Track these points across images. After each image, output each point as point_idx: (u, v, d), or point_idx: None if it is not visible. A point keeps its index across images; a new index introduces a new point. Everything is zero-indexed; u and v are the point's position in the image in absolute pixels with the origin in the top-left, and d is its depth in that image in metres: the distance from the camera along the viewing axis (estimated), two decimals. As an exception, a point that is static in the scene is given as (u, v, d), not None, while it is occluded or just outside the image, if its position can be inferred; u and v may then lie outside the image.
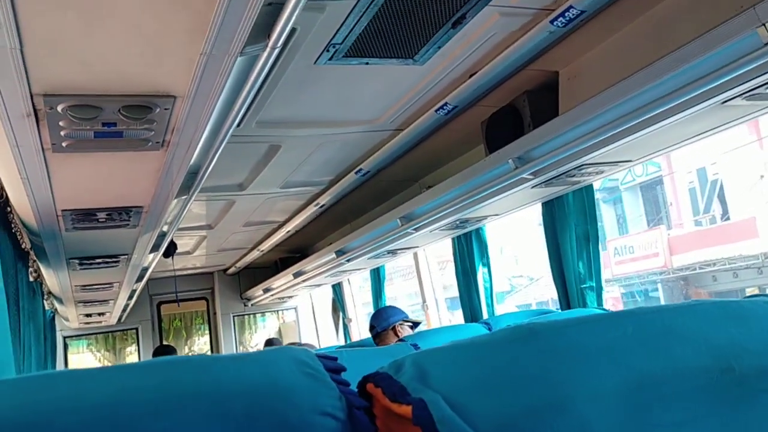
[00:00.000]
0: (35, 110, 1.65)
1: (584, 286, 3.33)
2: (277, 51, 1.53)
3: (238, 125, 2.99)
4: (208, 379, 0.71)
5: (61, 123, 1.73)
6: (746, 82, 2.02)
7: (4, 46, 1.33)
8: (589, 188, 3.35)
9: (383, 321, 3.87)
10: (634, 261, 15.63)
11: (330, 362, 0.79)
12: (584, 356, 0.72)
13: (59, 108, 1.65)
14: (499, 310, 4.41)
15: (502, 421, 0.65)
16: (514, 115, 3.00)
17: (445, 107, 3.06)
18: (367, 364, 0.86)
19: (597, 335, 0.74)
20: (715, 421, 0.72)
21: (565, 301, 3.50)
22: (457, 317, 4.84)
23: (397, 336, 3.76)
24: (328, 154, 3.70)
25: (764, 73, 1.98)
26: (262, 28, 1.46)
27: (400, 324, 3.85)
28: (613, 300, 15.44)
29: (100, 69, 1.49)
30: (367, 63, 2.63)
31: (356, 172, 3.96)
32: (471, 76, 2.82)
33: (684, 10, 2.26)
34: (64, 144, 1.88)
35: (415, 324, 3.92)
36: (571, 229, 3.40)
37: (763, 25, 1.86)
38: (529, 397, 0.67)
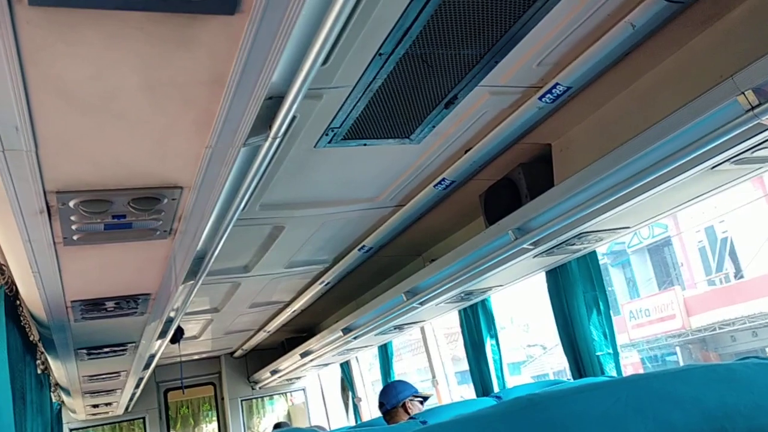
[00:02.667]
0: (48, 206, 1.71)
1: (600, 353, 3.31)
2: (278, 141, 1.60)
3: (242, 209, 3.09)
4: None
5: (72, 218, 1.79)
6: (732, 147, 2.10)
7: (20, 149, 1.41)
8: (593, 254, 3.38)
9: (392, 398, 3.80)
10: (651, 324, 15.43)
11: None
12: (580, 425, 0.74)
13: (71, 204, 1.71)
14: (515, 381, 4.36)
15: None
16: (511, 187, 3.07)
17: (442, 182, 3.14)
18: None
19: (593, 404, 0.76)
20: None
21: (577, 370, 3.46)
22: (470, 392, 4.77)
23: (408, 413, 3.69)
24: (331, 232, 3.77)
25: (748, 139, 2.06)
26: (264, 120, 1.55)
27: (410, 400, 3.77)
28: (632, 365, 15.16)
29: (110, 166, 1.57)
30: (365, 144, 2.72)
31: (359, 249, 4.01)
32: (466, 152, 2.91)
33: (666, 82, 2.37)
34: (75, 237, 1.94)
35: (425, 398, 3.86)
36: (578, 297, 3.41)
37: (743, 93, 1.94)
38: None
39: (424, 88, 2.37)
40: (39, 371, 3.97)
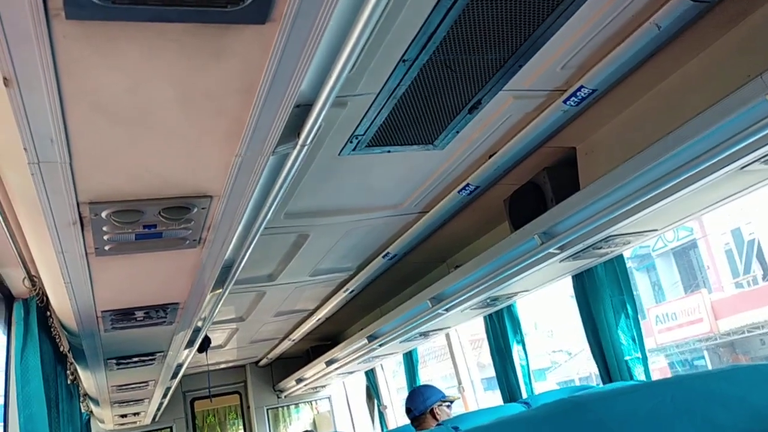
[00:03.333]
0: (81, 218, 1.74)
1: (629, 357, 3.27)
2: (306, 148, 1.62)
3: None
4: None
5: (104, 228, 1.82)
6: (761, 147, 2.07)
7: (55, 161, 1.43)
8: (620, 258, 3.35)
9: (420, 404, 3.74)
10: (678, 328, 15.20)
11: None
12: (627, 426, 0.73)
13: (103, 214, 1.74)
14: (541, 387, 4.32)
15: None
16: (536, 192, 3.06)
17: (467, 188, 3.13)
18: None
19: (638, 404, 0.76)
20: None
21: (606, 375, 3.43)
22: (496, 398, 4.73)
23: (436, 419, 3.65)
24: (355, 240, 3.77)
25: (779, 137, 2.03)
26: (292, 129, 1.56)
27: (439, 405, 3.72)
28: (659, 370, 14.93)
29: (143, 176, 1.59)
30: (389, 151, 2.73)
31: (383, 256, 4.01)
32: (490, 156, 2.91)
33: (692, 82, 2.35)
34: (106, 248, 1.97)
35: (452, 402, 3.81)
36: (605, 301, 3.38)
37: (771, 92, 1.92)
38: None
39: (448, 93, 2.37)
40: (69, 381, 4.02)
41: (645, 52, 2.21)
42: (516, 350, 4.23)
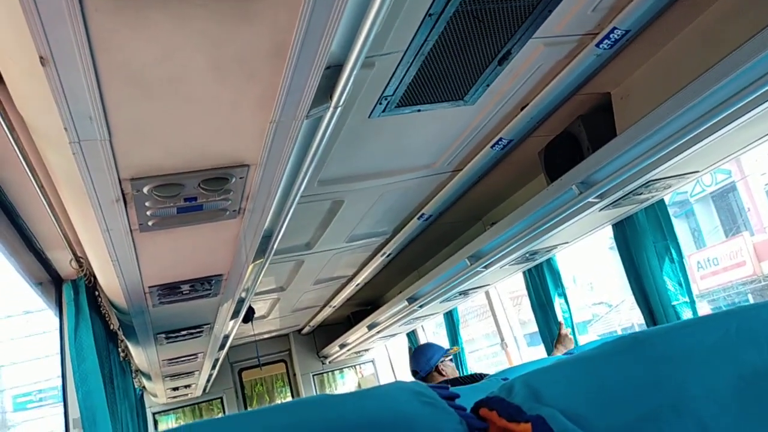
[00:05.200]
0: (123, 195, 1.77)
1: (676, 302, 3.24)
2: (339, 110, 1.61)
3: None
4: (333, 416, 0.75)
5: (146, 203, 1.85)
6: (808, 75, 1.99)
7: (95, 139, 1.45)
8: (661, 203, 3.29)
9: (424, 364, 3.82)
10: (720, 273, 14.96)
11: (444, 391, 0.82)
12: (692, 358, 0.73)
13: (145, 190, 1.77)
14: (583, 340, 4.31)
15: (621, 428, 0.67)
16: (572, 141, 3.01)
17: (500, 143, 3.09)
18: (464, 401, 0.88)
19: (701, 337, 0.75)
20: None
21: (653, 323, 3.40)
22: (540, 353, 4.74)
23: (442, 374, 3.74)
24: (390, 203, 3.77)
25: (825, 65, 1.95)
26: (324, 91, 1.55)
27: (442, 361, 3.81)
28: (705, 317, 14.70)
29: (180, 148, 1.60)
30: (419, 110, 2.70)
31: (419, 218, 4.01)
32: (522, 108, 2.86)
33: (731, 14, 2.26)
34: (150, 223, 2.00)
35: (453, 354, 3.96)
36: (648, 248, 3.33)
37: (816, 17, 1.84)
38: (644, 402, 0.69)
39: (476, 46, 2.33)
40: (121, 358, 4.15)
41: (679, -14, 2.14)
42: (558, 303, 4.22)
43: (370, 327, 6.11)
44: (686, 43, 2.46)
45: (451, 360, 3.88)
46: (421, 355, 3.87)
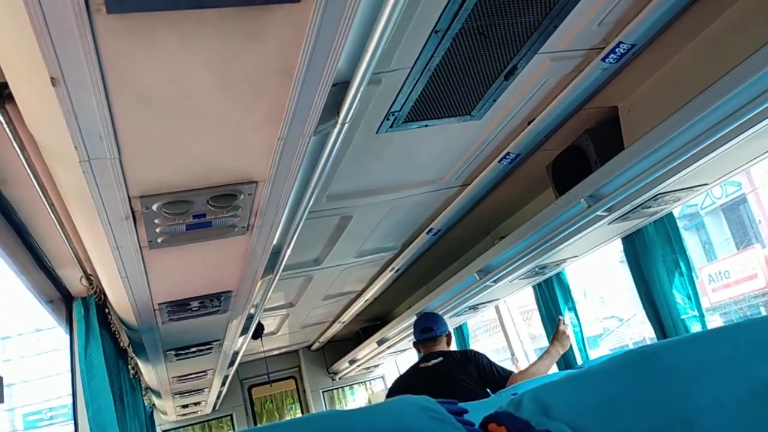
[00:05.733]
0: (133, 212, 1.79)
1: (685, 316, 3.21)
2: (347, 126, 1.62)
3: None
4: (342, 429, 0.75)
5: (156, 221, 1.86)
6: (816, 87, 1.99)
7: (105, 158, 1.47)
8: (670, 216, 3.27)
9: (443, 326, 4.11)
10: (731, 286, 14.82)
11: (452, 406, 0.82)
12: (699, 371, 0.73)
13: (154, 207, 1.78)
14: (594, 354, 4.27)
15: None
16: (579, 155, 3.01)
17: (507, 157, 3.10)
18: (473, 416, 0.88)
19: (708, 350, 0.75)
20: None
21: (663, 337, 3.37)
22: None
23: (448, 344, 4.03)
24: (398, 217, 3.78)
25: (832, 76, 1.95)
26: (332, 108, 1.57)
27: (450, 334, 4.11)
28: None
29: (189, 166, 1.62)
30: (426, 125, 2.71)
31: (427, 233, 4.01)
32: (529, 123, 2.86)
33: (737, 27, 2.26)
34: (159, 240, 2.01)
35: None
36: (657, 261, 3.31)
37: (821, 29, 1.84)
38: (653, 416, 0.69)
39: (483, 61, 2.34)
40: (131, 376, 4.16)
41: (684, 0, 2.14)
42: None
43: (380, 343, 6.09)
44: (692, 57, 2.46)
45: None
46: (440, 318, 4.21)
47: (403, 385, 4.00)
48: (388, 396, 5.00)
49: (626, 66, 2.51)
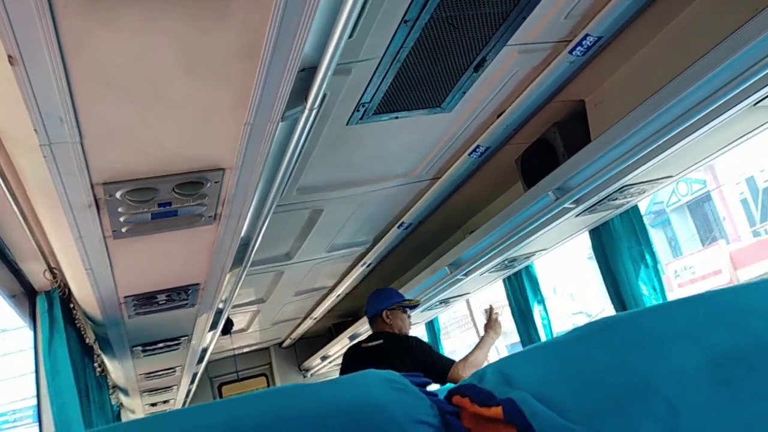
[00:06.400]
0: (96, 200, 1.75)
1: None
2: (315, 113, 1.61)
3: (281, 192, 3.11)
4: (307, 402, 0.75)
5: (120, 209, 1.83)
6: (776, 80, 2.03)
7: (66, 142, 1.44)
8: (635, 209, 3.32)
9: (375, 305, 3.71)
10: (697, 281, 15.11)
11: (416, 378, 0.82)
12: (661, 340, 0.74)
13: (118, 195, 1.75)
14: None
15: (590, 409, 0.67)
16: (547, 148, 3.03)
17: (477, 150, 3.11)
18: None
19: (669, 320, 0.76)
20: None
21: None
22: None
23: (385, 322, 3.62)
24: (369, 211, 3.77)
25: (792, 69, 1.99)
26: (299, 93, 1.55)
27: (391, 308, 3.65)
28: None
29: (154, 152, 1.59)
30: (396, 117, 2.71)
31: (399, 227, 4.01)
32: (499, 116, 2.88)
33: (701, 21, 2.30)
34: (123, 229, 1.98)
35: (411, 306, 3.75)
36: (623, 253, 3.36)
37: (782, 23, 1.88)
38: (613, 384, 0.70)
39: (452, 52, 2.35)
40: (97, 373, 4.08)
41: (649, -7, 2.18)
42: (537, 311, 4.23)
43: (352, 338, 6.07)
44: (657, 50, 2.50)
45: (407, 314, 3.71)
46: (373, 297, 3.78)
47: (346, 363, 3.79)
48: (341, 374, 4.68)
49: (593, 59, 2.54)
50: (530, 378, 0.73)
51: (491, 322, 3.69)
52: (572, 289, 19.05)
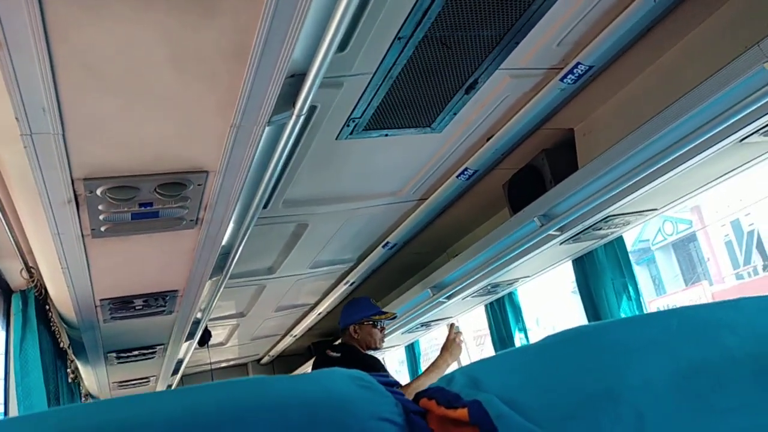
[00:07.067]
0: (76, 196, 1.73)
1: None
2: (302, 119, 1.61)
3: (266, 206, 3.09)
4: (269, 393, 0.73)
5: (100, 207, 1.81)
6: (760, 117, 2.06)
7: (48, 132, 1.42)
8: (620, 240, 3.33)
9: (345, 318, 3.49)
10: (680, 321, 15.13)
11: (382, 378, 0.81)
12: (631, 350, 0.74)
13: (98, 191, 1.73)
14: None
15: (557, 414, 0.67)
16: (535, 174, 3.05)
17: (465, 173, 3.12)
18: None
19: (642, 331, 0.76)
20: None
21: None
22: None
23: (353, 336, 3.40)
24: (355, 229, 3.76)
25: (777, 107, 2.01)
26: (287, 99, 1.55)
27: (361, 323, 3.40)
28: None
29: (136, 148, 1.58)
30: (386, 135, 2.71)
31: (383, 246, 4.00)
32: (488, 139, 2.89)
33: (690, 56, 2.33)
34: (102, 228, 1.95)
35: (381, 320, 3.44)
36: (607, 284, 3.36)
37: (769, 60, 1.91)
38: (582, 389, 0.69)
39: (445, 73, 2.36)
40: (70, 380, 4.01)
41: (641, 26, 2.20)
42: (518, 338, 4.21)
43: (330, 358, 6.02)
44: (647, 83, 2.53)
45: (379, 327, 3.44)
46: (347, 308, 3.56)
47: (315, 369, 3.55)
48: None
49: (584, 88, 2.56)
50: (499, 382, 0.73)
51: (449, 342, 3.26)
52: (555, 322, 19.06)
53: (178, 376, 5.29)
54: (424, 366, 5.91)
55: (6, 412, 3.11)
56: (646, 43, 2.33)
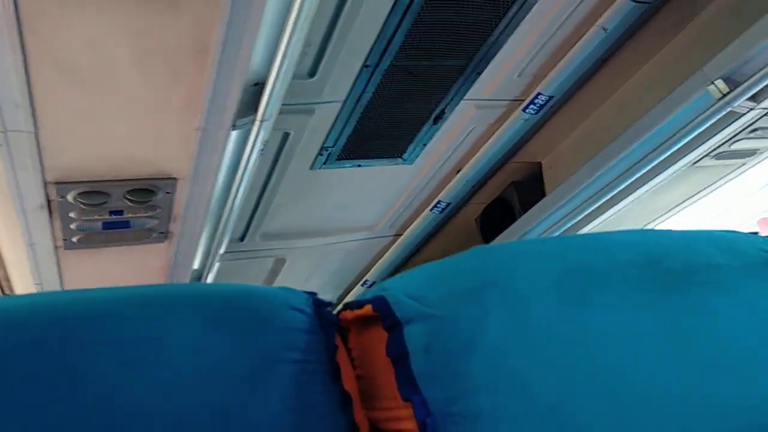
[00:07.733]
0: (48, 201, 1.79)
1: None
2: (267, 124, 1.69)
3: (242, 239, 3.14)
4: (193, 286, 0.80)
5: (71, 214, 1.86)
6: (709, 139, 2.17)
7: (21, 130, 1.49)
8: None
9: None
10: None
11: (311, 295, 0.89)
12: (527, 255, 0.82)
13: (69, 197, 1.79)
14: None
15: (447, 298, 0.75)
16: (505, 206, 3.13)
17: (438, 205, 3.20)
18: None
19: (542, 244, 0.83)
20: (644, 305, 0.79)
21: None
22: None
23: None
24: (334, 265, 3.80)
25: (723, 129, 2.13)
26: (250, 105, 1.64)
27: None
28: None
29: (106, 150, 1.65)
30: (359, 165, 2.80)
31: (363, 284, 4.03)
32: (458, 171, 2.99)
33: (646, 87, 2.45)
34: (74, 239, 2.00)
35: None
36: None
37: (713, 83, 2.03)
38: (472, 280, 0.77)
39: (413, 103, 2.47)
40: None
41: (596, 56, 2.34)
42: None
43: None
44: (607, 115, 2.64)
45: None
46: None
47: None
48: None
49: (547, 121, 2.68)
50: (402, 283, 0.81)
51: None
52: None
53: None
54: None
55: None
56: (604, 76, 2.46)
